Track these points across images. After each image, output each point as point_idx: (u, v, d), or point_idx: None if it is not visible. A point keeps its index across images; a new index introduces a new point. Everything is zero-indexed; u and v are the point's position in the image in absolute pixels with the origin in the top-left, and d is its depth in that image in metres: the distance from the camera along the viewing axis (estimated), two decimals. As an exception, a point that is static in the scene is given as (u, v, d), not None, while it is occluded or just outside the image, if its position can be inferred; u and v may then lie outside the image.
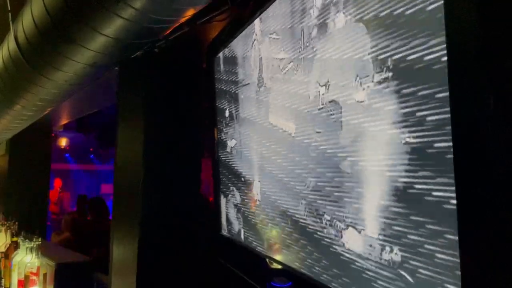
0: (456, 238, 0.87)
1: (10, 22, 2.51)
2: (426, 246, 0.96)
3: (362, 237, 1.17)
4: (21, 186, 5.37)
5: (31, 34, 2.23)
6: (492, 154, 0.81)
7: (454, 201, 0.87)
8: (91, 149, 11.03)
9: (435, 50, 0.92)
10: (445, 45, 0.90)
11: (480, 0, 0.83)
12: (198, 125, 2.64)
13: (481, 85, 0.83)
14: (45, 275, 2.91)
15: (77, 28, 1.99)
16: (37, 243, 2.85)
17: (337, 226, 1.29)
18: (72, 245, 4.81)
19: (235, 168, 2.20)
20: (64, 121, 5.61)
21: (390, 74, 1.06)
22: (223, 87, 2.34)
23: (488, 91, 0.82)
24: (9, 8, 2.55)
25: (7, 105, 3.31)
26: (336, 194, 1.29)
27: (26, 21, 2.22)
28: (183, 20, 1.97)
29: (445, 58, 0.90)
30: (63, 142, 8.14)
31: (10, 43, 2.51)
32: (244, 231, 2.11)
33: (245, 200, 2.09)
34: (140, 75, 2.63)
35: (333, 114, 1.29)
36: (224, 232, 2.39)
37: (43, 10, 2.01)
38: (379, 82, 1.09)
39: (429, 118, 0.94)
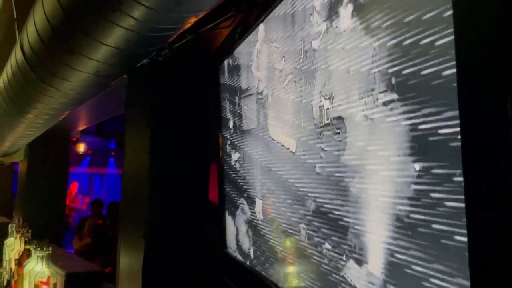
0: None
1: (17, 31, 2.50)
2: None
3: (364, 272, 1.06)
4: (39, 192, 5.42)
5: (35, 44, 2.21)
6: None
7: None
8: (112, 153, 11.13)
9: (450, 66, 0.82)
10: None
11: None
12: (205, 133, 2.58)
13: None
14: (55, 284, 2.89)
15: (78, 38, 1.95)
16: (47, 252, 2.84)
17: (337, 257, 1.19)
18: (92, 250, 4.82)
19: (239, 183, 2.12)
20: (81, 126, 5.64)
21: (399, 91, 0.95)
22: (227, 96, 2.27)
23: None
24: (15, 17, 2.54)
25: (19, 114, 3.33)
26: (340, 223, 1.20)
27: (30, 31, 2.20)
28: (185, 27, 1.91)
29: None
30: (83, 147, 8.21)
31: (17, 53, 2.51)
32: (246, 252, 2.03)
33: (248, 219, 2.00)
34: (147, 83, 2.59)
35: (338, 133, 1.19)
36: (229, 249, 2.31)
37: (44, 19, 1.98)
38: (386, 102, 0.99)
39: (443, 146, 0.83)
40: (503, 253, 0.70)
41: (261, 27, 1.79)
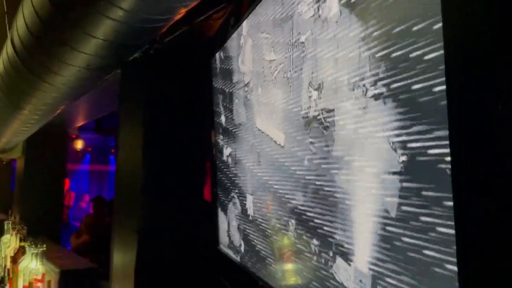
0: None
1: (7, 26, 2.46)
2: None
3: (352, 269, 1.03)
4: (37, 188, 5.39)
5: (24, 37, 2.17)
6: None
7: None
8: (112, 150, 11.09)
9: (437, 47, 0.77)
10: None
11: None
12: (200, 127, 2.54)
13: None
14: (49, 282, 2.87)
15: (67, 30, 1.92)
16: (41, 249, 2.81)
17: (326, 253, 1.15)
18: (90, 248, 4.79)
19: (231, 178, 2.08)
20: (78, 123, 5.61)
21: (389, 80, 0.90)
22: (219, 90, 2.23)
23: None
24: (5, 10, 2.50)
25: (13, 110, 3.30)
26: (325, 217, 1.16)
27: (20, 24, 2.16)
28: (176, 19, 1.87)
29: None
30: (81, 144, 8.19)
31: (8, 47, 2.48)
32: (237, 247, 2.00)
33: (239, 215, 1.96)
34: (140, 78, 2.55)
35: (326, 125, 1.15)
36: (221, 245, 2.27)
37: (32, 12, 1.95)
38: (376, 90, 0.94)
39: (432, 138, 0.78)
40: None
41: (249, 17, 1.74)
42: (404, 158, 0.85)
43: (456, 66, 0.74)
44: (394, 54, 0.89)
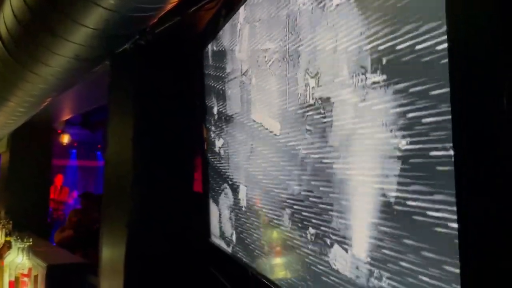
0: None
1: (-7, 15, 2.40)
2: (420, 276, 0.81)
3: (349, 257, 1.02)
4: (22, 183, 5.31)
5: (11, 26, 2.12)
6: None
7: (454, 225, 0.72)
8: (99, 146, 10.98)
9: (440, 41, 0.76)
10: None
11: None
12: (191, 118, 2.52)
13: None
14: (36, 277, 2.82)
15: (55, 18, 1.88)
16: (28, 243, 2.77)
17: (322, 242, 1.14)
18: (74, 243, 4.74)
19: (223, 170, 2.06)
20: (65, 116, 5.53)
21: (389, 71, 0.88)
22: (211, 82, 2.21)
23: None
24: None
25: (-1, 101, 3.24)
26: (321, 205, 1.15)
27: (7, 13, 2.11)
28: (168, 8, 1.84)
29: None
30: (67, 138, 8.09)
31: (-6, 37, 2.42)
32: (229, 238, 1.98)
33: (232, 206, 1.95)
34: (130, 69, 2.51)
35: (323, 114, 1.13)
36: (213, 237, 2.26)
37: (21, 0, 1.90)
38: (376, 81, 0.93)
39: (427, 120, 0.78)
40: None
41: (243, 5, 1.72)
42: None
43: (459, 68, 0.73)
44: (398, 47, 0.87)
